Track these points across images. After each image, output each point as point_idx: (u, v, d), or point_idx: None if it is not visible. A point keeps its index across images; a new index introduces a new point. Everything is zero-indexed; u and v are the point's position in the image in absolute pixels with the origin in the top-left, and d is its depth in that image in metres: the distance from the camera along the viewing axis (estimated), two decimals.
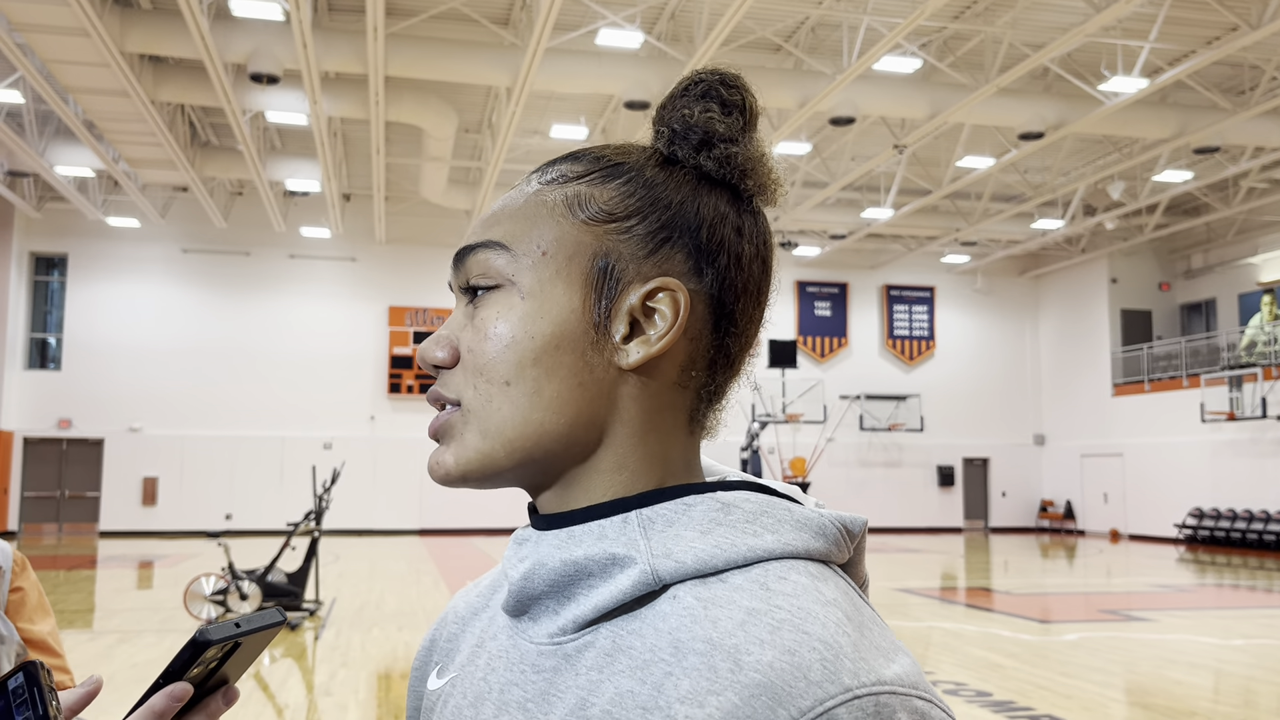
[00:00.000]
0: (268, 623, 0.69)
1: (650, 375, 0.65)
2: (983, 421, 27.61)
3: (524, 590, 0.65)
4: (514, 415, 0.64)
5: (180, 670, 0.67)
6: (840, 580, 0.61)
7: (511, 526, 23.40)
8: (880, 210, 21.27)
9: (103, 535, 22.13)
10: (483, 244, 0.67)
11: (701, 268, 0.65)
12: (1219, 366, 22.52)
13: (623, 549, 0.61)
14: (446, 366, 0.67)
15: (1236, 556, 19.57)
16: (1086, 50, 15.44)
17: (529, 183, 0.69)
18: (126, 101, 14.65)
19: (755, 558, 0.59)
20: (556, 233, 0.65)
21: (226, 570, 9.40)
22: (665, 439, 0.66)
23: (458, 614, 0.79)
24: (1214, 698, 6.91)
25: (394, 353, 23.96)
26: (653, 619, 0.59)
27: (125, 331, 22.80)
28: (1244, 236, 24.39)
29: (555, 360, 0.64)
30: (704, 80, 0.68)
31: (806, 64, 15.26)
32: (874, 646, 0.55)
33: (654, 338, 0.64)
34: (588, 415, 0.64)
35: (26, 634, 1.55)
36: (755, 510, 0.62)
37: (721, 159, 0.67)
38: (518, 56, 13.88)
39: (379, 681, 7.21)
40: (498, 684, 0.65)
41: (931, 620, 10.42)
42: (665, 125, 0.68)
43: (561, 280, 0.64)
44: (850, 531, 0.64)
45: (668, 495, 0.64)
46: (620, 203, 0.66)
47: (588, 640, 0.61)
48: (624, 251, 0.65)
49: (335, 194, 19.90)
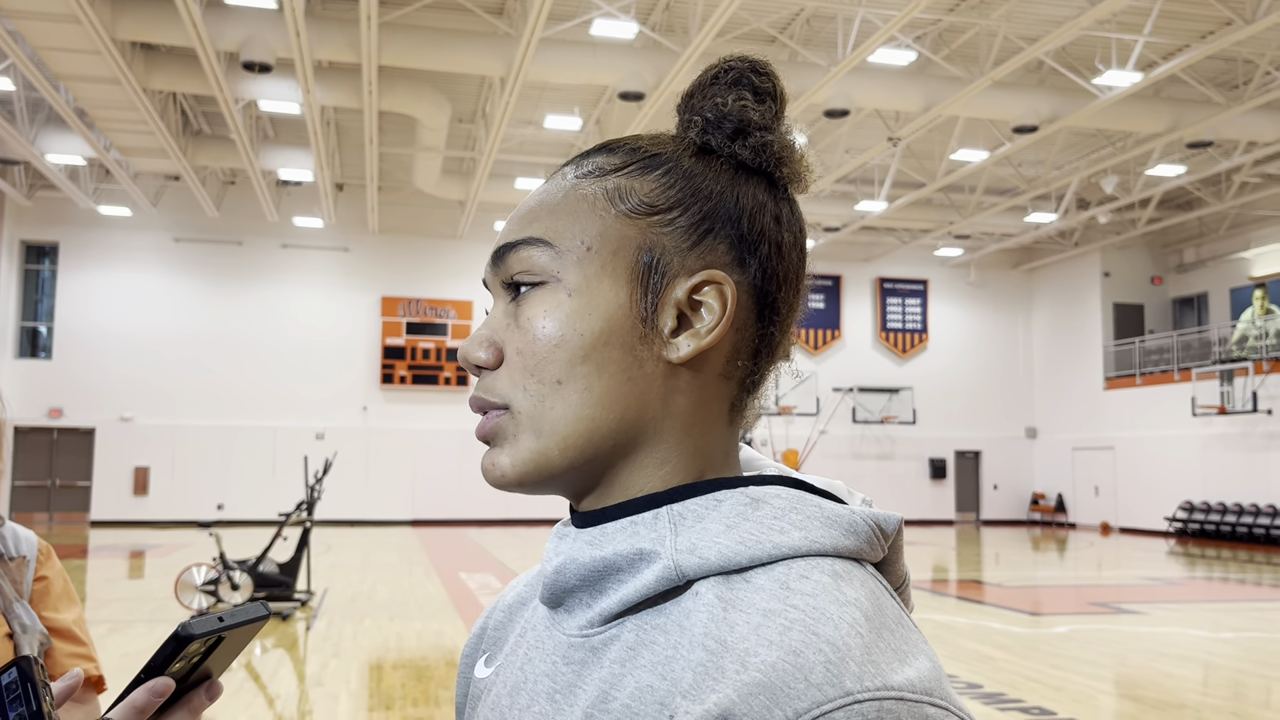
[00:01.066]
0: (251, 617, 0.68)
1: (698, 368, 0.65)
2: (975, 414, 27.67)
3: (557, 584, 0.65)
4: (567, 413, 0.63)
5: (162, 665, 0.66)
6: (868, 579, 0.59)
7: (503, 518, 23.43)
8: (874, 203, 21.28)
9: (94, 525, 22.08)
10: (524, 241, 0.66)
11: (744, 258, 0.65)
12: (1210, 360, 22.58)
13: (649, 544, 0.61)
14: (490, 367, 0.66)
15: (1226, 550, 19.66)
16: (1081, 44, 15.44)
17: (564, 176, 0.69)
18: (118, 89, 14.58)
19: (780, 555, 0.59)
20: (599, 227, 0.65)
21: (218, 560, 9.38)
22: (708, 431, 0.66)
23: (506, 603, 0.79)
24: (1203, 690, 6.94)
25: (386, 343, 23.91)
26: (677, 615, 0.59)
27: (116, 321, 22.72)
28: (1236, 231, 24.45)
29: (605, 356, 0.63)
30: (734, 68, 0.68)
31: (801, 56, 15.23)
32: (889, 648, 0.53)
33: (703, 331, 0.64)
34: (637, 409, 0.64)
35: (51, 623, 1.55)
36: (784, 506, 0.61)
37: (757, 147, 0.67)
38: (512, 46, 13.83)
39: (370, 672, 7.21)
40: (533, 675, 0.66)
41: (923, 612, 10.45)
42: (697, 114, 0.68)
43: (608, 275, 0.64)
44: (884, 530, 0.63)
45: (701, 490, 0.63)
46: (661, 194, 0.65)
47: (614, 634, 0.62)
48: (668, 244, 0.64)
49: (328, 183, 19.83)
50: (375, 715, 6.01)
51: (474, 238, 24.31)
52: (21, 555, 1.56)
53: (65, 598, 1.60)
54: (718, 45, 14.71)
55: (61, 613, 1.58)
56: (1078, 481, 26.25)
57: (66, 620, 1.57)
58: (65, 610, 1.58)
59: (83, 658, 1.56)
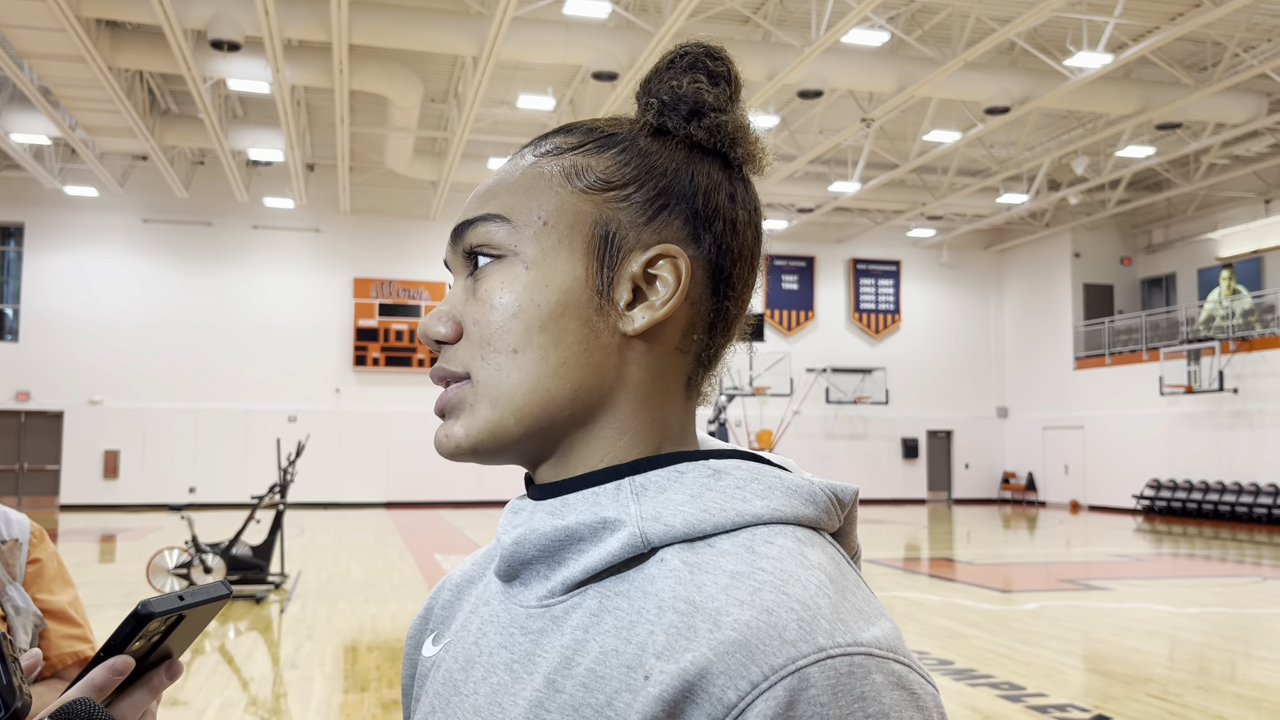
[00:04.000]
0: (212, 595, 0.68)
1: (653, 341, 0.66)
2: (947, 394, 27.88)
3: (515, 555, 0.66)
4: (523, 382, 0.65)
5: (122, 643, 0.66)
6: (827, 546, 0.61)
7: (477, 500, 23.40)
8: (847, 184, 21.32)
9: (63, 509, 21.86)
10: (482, 217, 0.67)
11: (699, 233, 0.67)
12: (1178, 340, 22.85)
13: (613, 513, 0.62)
14: (449, 341, 0.68)
15: (1193, 527, 19.96)
16: (1052, 25, 15.50)
17: (522, 156, 0.70)
18: (83, 67, 14.34)
19: (744, 522, 0.60)
20: (556, 203, 0.66)
21: (190, 544, 9.32)
22: (665, 404, 0.67)
23: (453, 582, 0.80)
24: (1169, 664, 7.06)
25: (359, 324, 23.76)
26: (640, 581, 0.60)
27: (84, 302, 22.44)
28: (1204, 212, 24.70)
29: (561, 327, 0.64)
30: (690, 52, 0.70)
31: (775, 36, 15.21)
32: (855, 609, 0.56)
33: (658, 303, 0.65)
34: (593, 381, 0.65)
35: (46, 604, 1.54)
36: (746, 477, 0.63)
37: (711, 128, 0.68)
38: (484, 25, 13.72)
39: (345, 654, 7.20)
40: (488, 647, 0.66)
41: (895, 590, 10.55)
42: (654, 97, 0.69)
43: (564, 249, 0.65)
44: (840, 500, 0.65)
45: (662, 462, 0.65)
46: (617, 171, 0.67)
47: (575, 602, 0.62)
48: (623, 219, 0.66)
49: (299, 164, 19.64)
50: (350, 697, 6.01)
51: (447, 218, 24.15)
52: (14, 538, 1.55)
53: (59, 579, 1.60)
54: (691, 25, 14.66)
55: (56, 594, 1.57)
56: (1048, 460, 26.54)
57: (61, 602, 1.57)
58: (60, 592, 1.58)
59: (78, 639, 1.56)
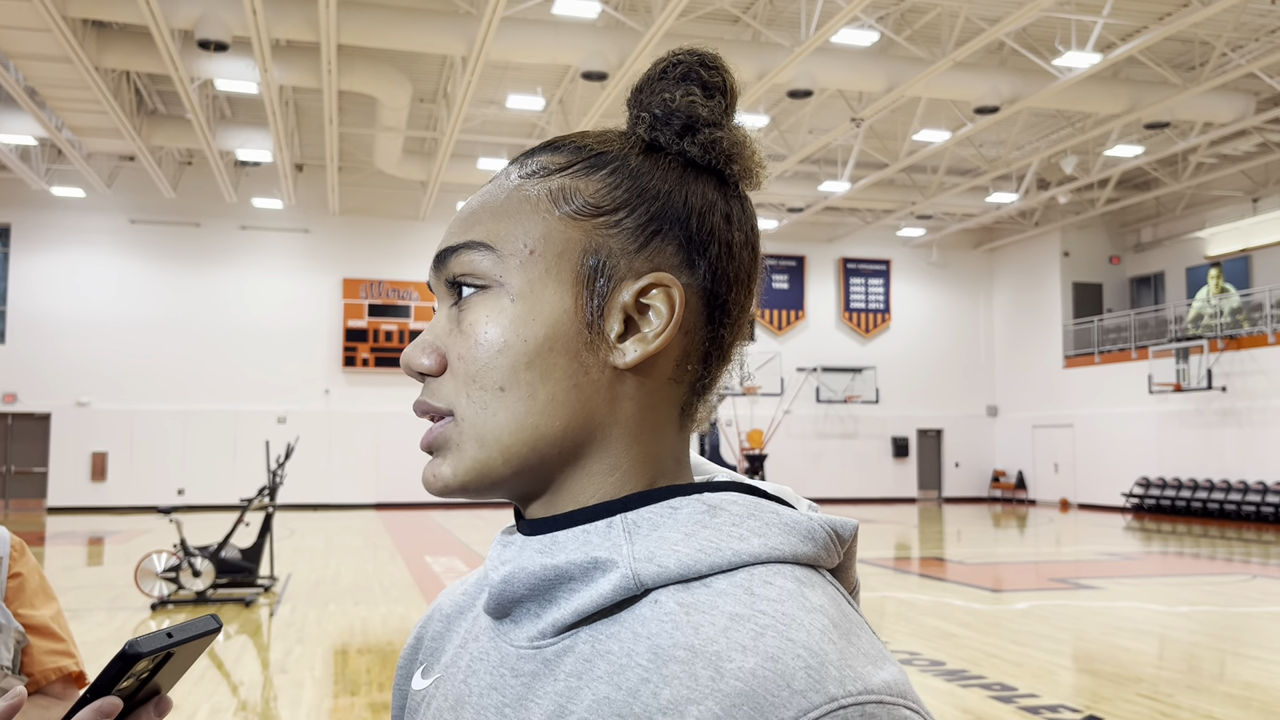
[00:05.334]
0: (201, 631, 0.67)
1: (645, 373, 0.63)
2: (937, 393, 27.95)
3: (504, 594, 0.63)
4: (510, 421, 0.61)
5: (109, 684, 0.64)
6: (828, 586, 0.59)
7: (468, 501, 23.32)
8: (837, 183, 21.34)
9: (51, 511, 21.76)
10: (465, 245, 0.64)
11: (693, 259, 0.63)
12: (1166, 339, 22.94)
13: (605, 553, 0.59)
14: (433, 374, 0.64)
15: (1182, 525, 20.03)
16: (1041, 25, 15.54)
17: (507, 176, 0.66)
18: (70, 68, 14.27)
19: (740, 562, 0.58)
20: (543, 230, 0.62)
21: (179, 547, 9.27)
22: (657, 437, 0.64)
23: (443, 612, 0.77)
24: (1159, 663, 7.08)
25: (349, 325, 23.70)
26: (631, 623, 0.57)
27: (72, 304, 22.33)
28: (1192, 211, 24.80)
29: (549, 363, 0.61)
30: (683, 62, 0.65)
31: (764, 36, 15.21)
32: (861, 654, 0.53)
33: (650, 335, 0.62)
34: (583, 417, 0.62)
35: (28, 620, 1.52)
36: (742, 513, 0.60)
37: (706, 144, 0.65)
38: (473, 25, 13.69)
39: (335, 657, 7.17)
40: (478, 688, 0.64)
41: (886, 590, 10.56)
42: (645, 110, 0.66)
43: (551, 280, 0.62)
44: (840, 536, 0.62)
45: (654, 498, 0.62)
46: (607, 195, 0.63)
47: (567, 645, 0.60)
48: (614, 247, 0.62)
49: (287, 164, 19.57)
50: (341, 701, 5.98)
51: (436, 219, 24.12)
52: None
53: (41, 594, 1.57)
54: (681, 25, 14.66)
55: (38, 609, 1.55)
56: (1037, 459, 26.61)
57: (44, 617, 1.55)
58: (42, 606, 1.56)
59: (62, 654, 1.54)
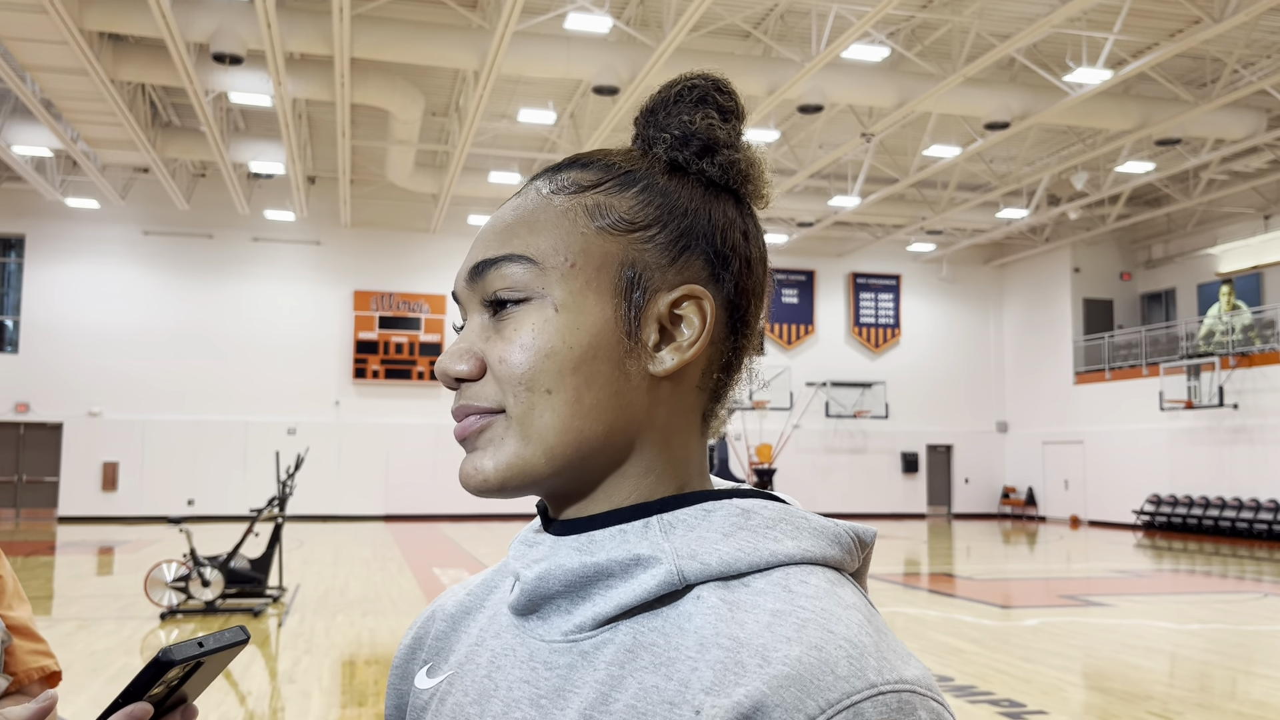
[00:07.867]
0: (231, 641, 0.69)
1: (677, 381, 0.67)
2: (946, 409, 27.87)
3: (538, 590, 0.66)
4: (556, 423, 0.64)
5: (141, 690, 0.66)
6: (854, 586, 0.64)
7: (475, 513, 23.36)
8: (847, 198, 21.35)
9: (61, 521, 21.82)
10: (505, 257, 0.66)
11: (719, 273, 0.68)
12: (1178, 355, 22.84)
13: (647, 550, 0.63)
14: (472, 379, 0.67)
15: (1193, 542, 19.92)
16: (1052, 41, 15.56)
17: (537, 190, 0.69)
18: (85, 80, 14.39)
19: (776, 562, 0.62)
20: (582, 244, 0.66)
21: (188, 556, 9.30)
22: (685, 441, 0.68)
23: (446, 612, 0.79)
24: (1169, 681, 7.03)
25: (359, 337, 23.77)
26: (676, 618, 0.61)
27: (84, 314, 22.45)
28: (1203, 227, 24.74)
29: (593, 370, 0.65)
30: (699, 85, 0.70)
31: (775, 51, 15.25)
32: (892, 649, 0.57)
33: (685, 344, 0.66)
34: (624, 421, 0.66)
35: (9, 620, 1.55)
36: (774, 517, 0.64)
37: (725, 165, 0.69)
38: (485, 39, 13.76)
39: (343, 668, 7.18)
40: (505, 682, 0.66)
41: (895, 606, 10.52)
42: (664, 131, 0.70)
43: (592, 291, 0.65)
44: (862, 541, 0.67)
45: (687, 501, 0.66)
46: (640, 211, 0.67)
47: (606, 637, 0.63)
48: (649, 260, 0.66)
49: (300, 176, 19.68)
50: (348, 712, 5.98)
51: (447, 231, 24.20)
52: None
53: (17, 596, 1.60)
54: (692, 40, 14.71)
55: (16, 610, 1.57)
56: (1048, 475, 26.50)
57: (22, 617, 1.57)
58: (19, 608, 1.58)
59: (43, 654, 1.57)
